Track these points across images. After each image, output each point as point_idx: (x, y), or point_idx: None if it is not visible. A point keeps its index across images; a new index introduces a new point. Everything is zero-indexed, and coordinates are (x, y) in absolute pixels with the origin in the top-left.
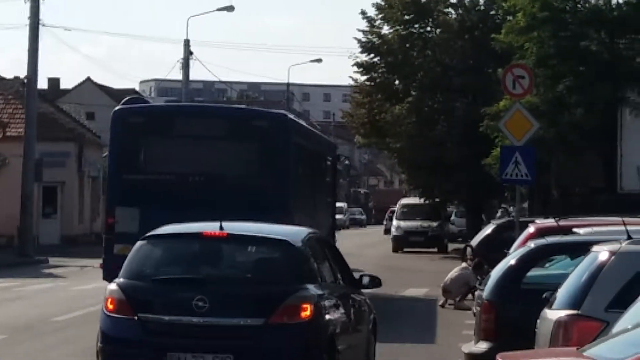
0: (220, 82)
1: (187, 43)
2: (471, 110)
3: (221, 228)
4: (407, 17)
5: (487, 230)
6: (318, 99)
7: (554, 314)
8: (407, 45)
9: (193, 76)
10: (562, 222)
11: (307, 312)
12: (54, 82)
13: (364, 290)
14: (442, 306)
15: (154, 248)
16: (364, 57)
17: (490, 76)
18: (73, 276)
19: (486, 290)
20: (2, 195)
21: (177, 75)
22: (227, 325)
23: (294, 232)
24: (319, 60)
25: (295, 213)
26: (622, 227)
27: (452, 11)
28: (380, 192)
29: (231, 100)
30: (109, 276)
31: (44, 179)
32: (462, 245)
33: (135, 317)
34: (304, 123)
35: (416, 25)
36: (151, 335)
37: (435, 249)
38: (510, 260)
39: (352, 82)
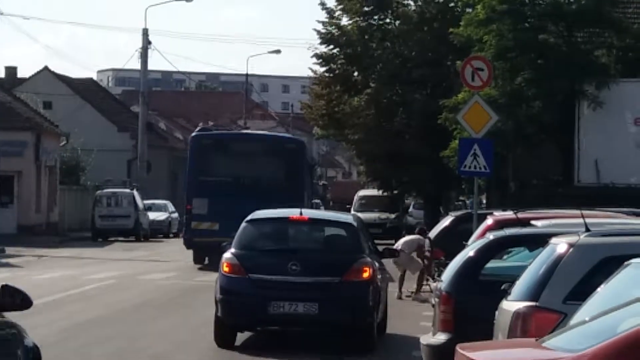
0: (179, 72)
1: (145, 32)
2: (430, 102)
3: (301, 213)
4: (366, 9)
5: (445, 222)
6: (277, 90)
7: (512, 305)
8: (366, 36)
9: (151, 66)
10: (521, 215)
11: (367, 273)
12: (11, 70)
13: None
14: (399, 298)
15: (255, 227)
16: (322, 49)
17: (449, 68)
18: (30, 266)
19: (444, 282)
20: None
21: (136, 65)
22: (312, 282)
23: (349, 216)
24: (277, 52)
25: (305, 205)
26: (580, 220)
27: (412, 3)
28: (338, 184)
29: (191, 91)
30: (186, 243)
31: (1, 169)
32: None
33: (247, 276)
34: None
35: (375, 17)
36: (258, 289)
37: (393, 241)
38: (469, 252)
39: (311, 74)
